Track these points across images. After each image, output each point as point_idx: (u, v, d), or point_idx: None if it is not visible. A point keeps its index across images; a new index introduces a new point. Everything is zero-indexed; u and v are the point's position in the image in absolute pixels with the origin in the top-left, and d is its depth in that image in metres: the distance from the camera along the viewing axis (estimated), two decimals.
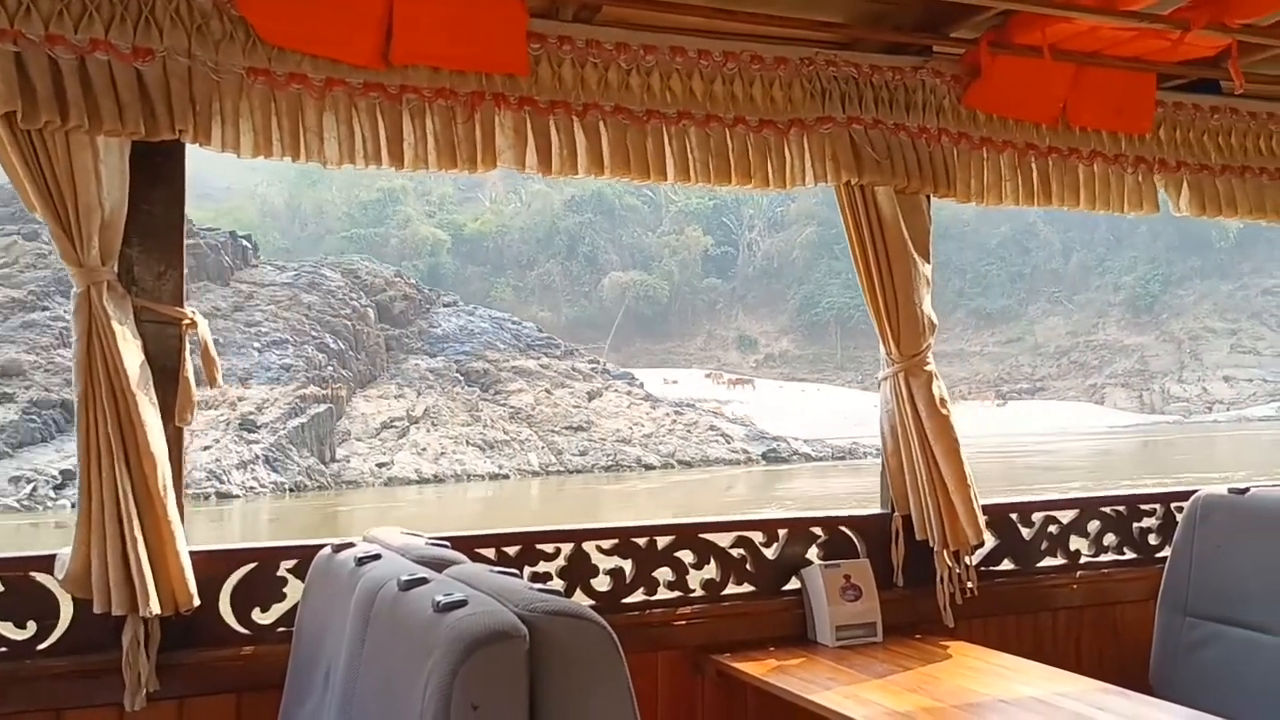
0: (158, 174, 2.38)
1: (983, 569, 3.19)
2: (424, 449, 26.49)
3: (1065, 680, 2.63)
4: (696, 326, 47.53)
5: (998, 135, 3.08)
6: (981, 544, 3.10)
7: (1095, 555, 3.42)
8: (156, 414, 2.28)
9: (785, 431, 33.15)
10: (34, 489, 21.12)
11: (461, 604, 1.58)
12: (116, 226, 2.29)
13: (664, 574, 2.90)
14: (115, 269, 2.30)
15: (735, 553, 2.99)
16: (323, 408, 25.80)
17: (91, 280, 2.24)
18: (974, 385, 46.29)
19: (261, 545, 2.57)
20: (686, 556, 2.93)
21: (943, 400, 3.03)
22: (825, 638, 2.91)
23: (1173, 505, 3.46)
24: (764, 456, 31.05)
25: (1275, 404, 36.76)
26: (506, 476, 26.32)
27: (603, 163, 2.65)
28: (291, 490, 23.68)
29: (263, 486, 23.16)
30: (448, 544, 2.17)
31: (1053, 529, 3.36)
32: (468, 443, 27.09)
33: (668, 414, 31.75)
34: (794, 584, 3.02)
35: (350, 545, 2.22)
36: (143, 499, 2.23)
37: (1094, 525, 3.43)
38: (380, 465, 25.34)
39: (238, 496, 22.67)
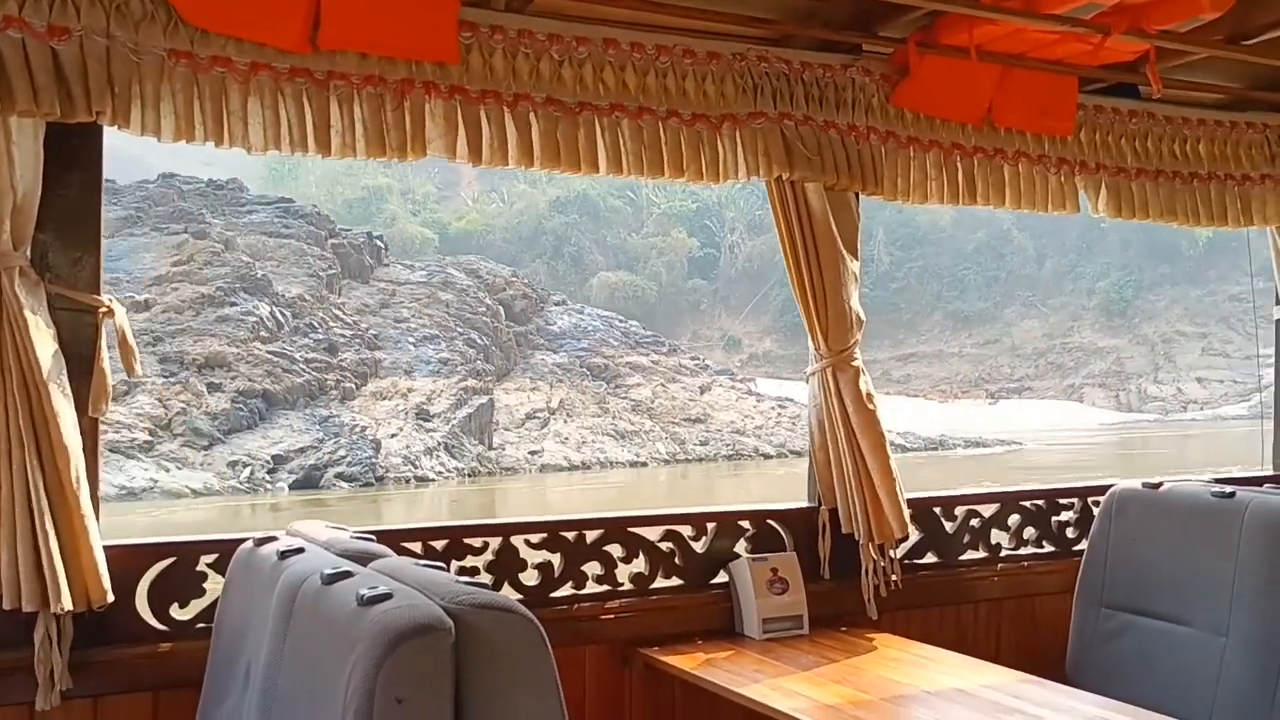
0: (74, 157, 2.31)
1: (906, 562, 3.24)
2: (566, 438, 27.78)
3: (985, 671, 2.68)
4: (682, 327, 47.96)
5: (925, 134, 3.12)
6: (906, 537, 3.14)
7: (1015, 548, 3.49)
8: (70, 405, 2.21)
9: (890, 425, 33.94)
10: (251, 472, 22.30)
11: (386, 597, 1.56)
12: (29, 211, 2.21)
13: (592, 568, 2.89)
14: (28, 254, 2.22)
15: (664, 546, 3.00)
16: (484, 399, 27.16)
17: (3, 266, 2.16)
18: (955, 384, 47.37)
19: (180, 540, 2.51)
20: (615, 550, 2.93)
21: (869, 395, 3.07)
22: (752, 630, 2.93)
23: (1090, 499, 3.54)
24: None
25: (1245, 404, 38.30)
26: (644, 464, 27.80)
27: (533, 154, 2.63)
28: (469, 475, 24.87)
29: (448, 472, 24.47)
30: (373, 538, 2.14)
31: (974, 523, 3.43)
32: (603, 433, 28.63)
33: (772, 407, 33.10)
34: (722, 577, 3.03)
35: (273, 539, 2.18)
36: (55, 492, 2.16)
37: (1014, 519, 3.50)
38: (532, 453, 26.62)
39: (433, 480, 23.86)
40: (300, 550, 2.00)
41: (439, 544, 2.71)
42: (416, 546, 2.68)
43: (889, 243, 51.95)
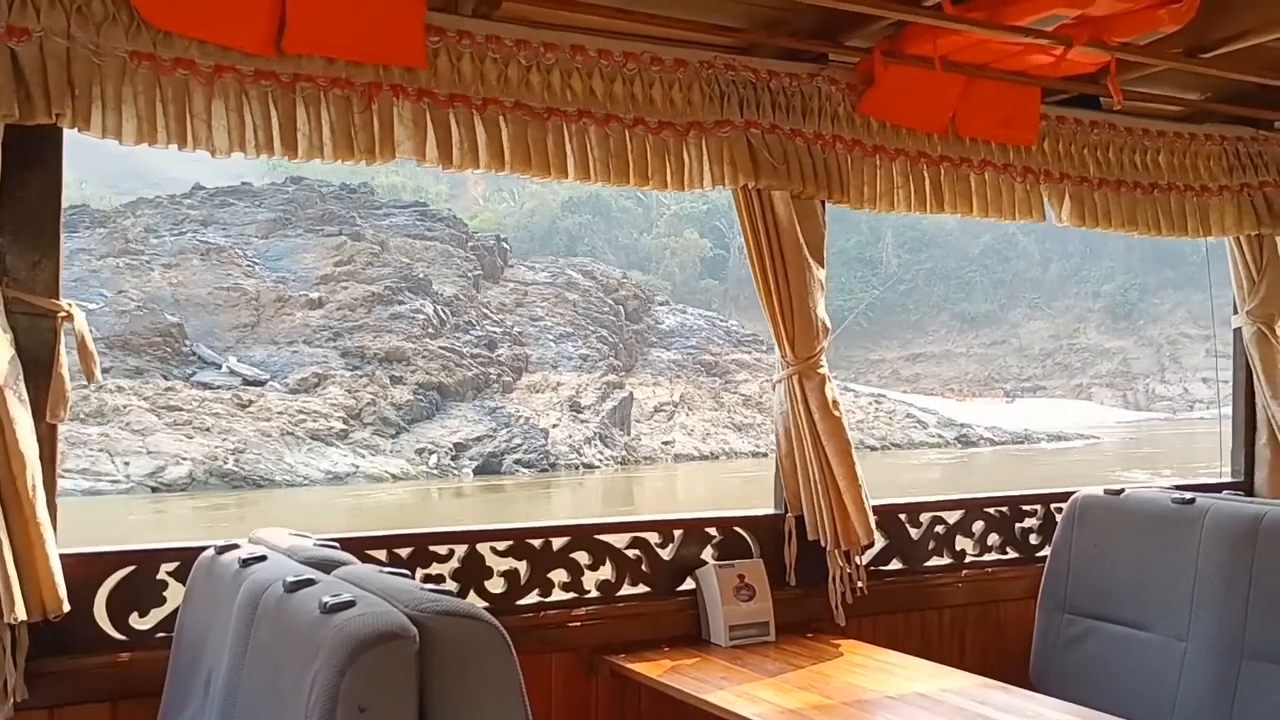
0: (33, 159, 2.27)
1: (872, 568, 3.25)
2: (691, 430, 29.55)
3: (950, 676, 2.70)
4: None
5: (890, 143, 3.15)
6: (871, 544, 3.15)
7: (980, 555, 3.52)
8: (27, 411, 2.18)
9: (969, 419, 36.42)
10: (437, 458, 24.17)
11: (349, 605, 1.54)
12: None
13: (559, 575, 2.88)
14: None
15: (631, 554, 2.99)
16: (625, 393, 29.12)
17: None
18: (965, 384, 48.24)
19: (140, 548, 2.47)
20: (582, 558, 2.92)
21: (835, 402, 3.08)
22: (719, 637, 2.93)
23: (1052, 506, 3.57)
24: (957, 440, 33.95)
25: None
26: (765, 455, 29.29)
27: (503, 158, 2.62)
28: (620, 464, 27.04)
29: (605, 460, 26.76)
30: (336, 545, 2.12)
31: (939, 529, 3.45)
32: (723, 425, 30.39)
33: (870, 402, 34.83)
34: (689, 584, 3.03)
35: (234, 547, 2.15)
36: (10, 500, 2.12)
37: (978, 526, 3.53)
38: (665, 443, 28.41)
39: (597, 467, 26.16)
40: (262, 558, 1.97)
41: (404, 551, 2.69)
42: (381, 554, 2.66)
43: (897, 246, 52.91)
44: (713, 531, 3.11)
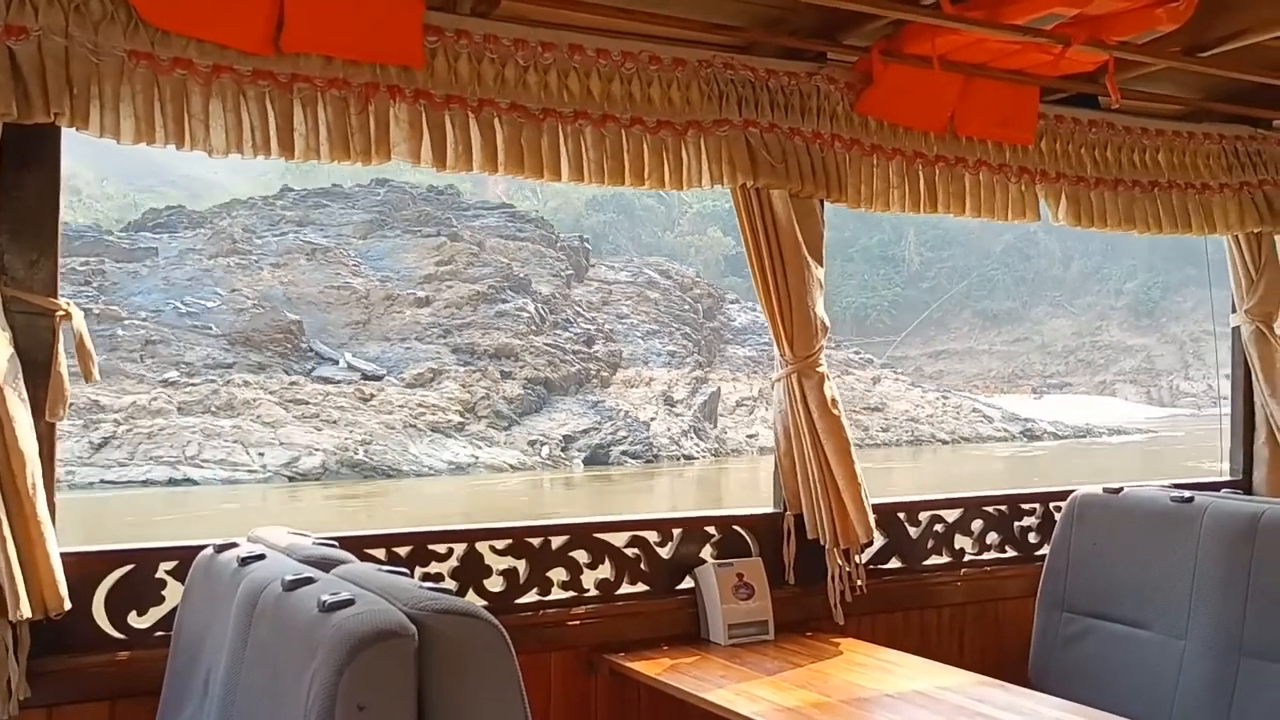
0: (31, 158, 2.28)
1: (871, 567, 3.25)
2: (773, 424, 30.46)
3: (949, 674, 2.70)
4: None
5: (888, 143, 3.15)
6: (871, 542, 3.16)
7: (979, 553, 3.52)
8: (26, 409, 2.18)
9: (1032, 414, 37.72)
10: (548, 450, 25.49)
11: (348, 603, 1.55)
12: None
13: (558, 574, 2.88)
14: None
15: (630, 552, 3.00)
16: (713, 388, 30.50)
17: None
18: (989, 380, 48.90)
19: (139, 546, 2.48)
20: (581, 556, 2.92)
21: (834, 400, 3.09)
22: (718, 636, 2.93)
23: (1051, 505, 3.57)
24: (1023, 434, 35.15)
25: None
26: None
27: (497, 160, 2.63)
28: (714, 455, 28.23)
29: (701, 452, 28.02)
30: (335, 543, 2.12)
31: (938, 528, 3.45)
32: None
33: (937, 397, 35.91)
34: (688, 583, 3.03)
35: (233, 545, 2.15)
36: (10, 498, 2.12)
37: (977, 524, 3.53)
38: (749, 436, 29.41)
39: (696, 458, 27.48)
40: (261, 557, 1.97)
41: (403, 550, 2.70)
42: (380, 553, 2.66)
43: (919, 244, 53.44)
44: (712, 530, 3.11)
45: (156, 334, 25.79)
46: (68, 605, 2.21)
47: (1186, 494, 3.05)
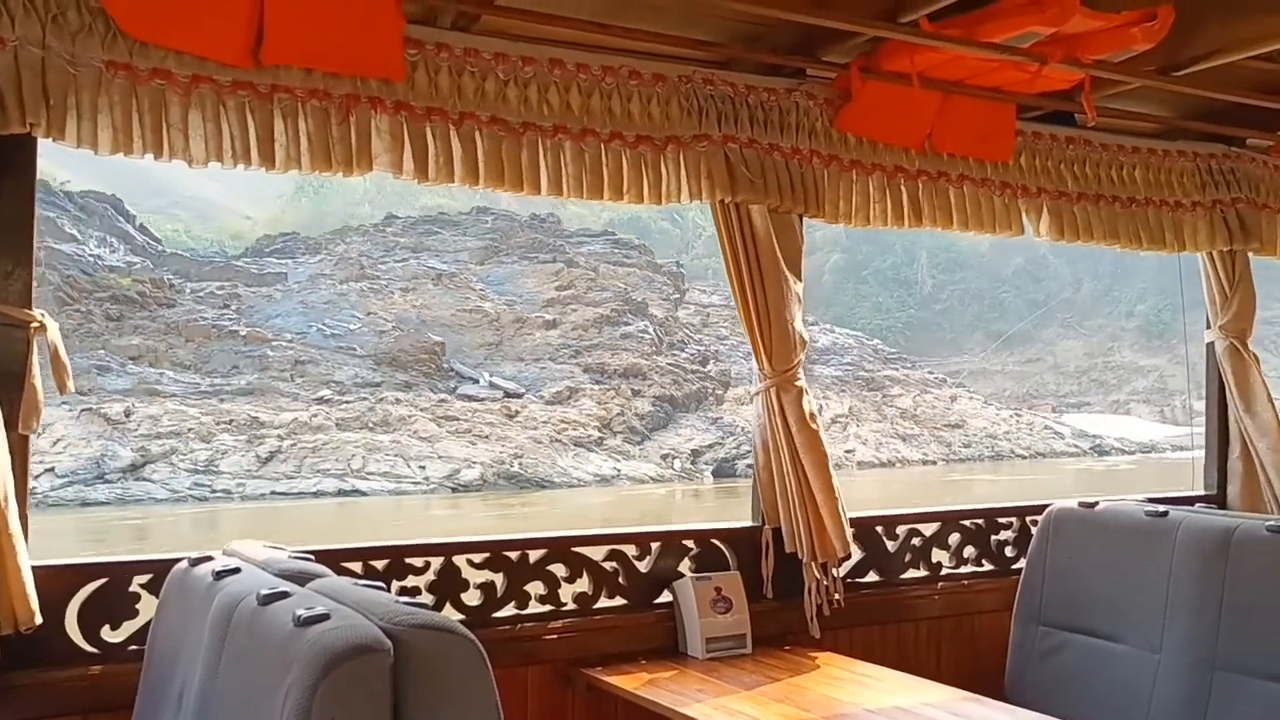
0: (6, 169, 2.26)
1: (849, 581, 3.26)
2: (865, 440, 32.24)
3: (926, 689, 2.70)
4: None
5: (867, 158, 3.17)
6: (848, 556, 3.16)
7: (956, 567, 3.53)
8: None
9: (1101, 431, 39.06)
10: (679, 463, 27.06)
11: (323, 618, 1.54)
12: None
13: (536, 588, 2.88)
14: None
15: (608, 566, 2.99)
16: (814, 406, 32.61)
17: None
18: (1003, 400, 50.08)
19: (112, 560, 2.46)
20: (559, 570, 2.92)
21: (812, 415, 3.10)
22: (696, 650, 2.93)
23: (1028, 519, 3.59)
24: (1092, 450, 36.40)
25: None
26: (934, 463, 32.26)
27: (478, 173, 2.63)
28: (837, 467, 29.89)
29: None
30: (311, 557, 2.11)
31: (916, 541, 3.46)
32: (890, 435, 33.03)
33: (1011, 415, 37.20)
34: (666, 597, 3.03)
35: (208, 559, 2.14)
36: None
37: (955, 538, 3.54)
38: (847, 452, 30.76)
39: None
40: (236, 570, 1.96)
41: (379, 564, 2.69)
42: (357, 566, 2.64)
43: (932, 266, 54.62)
44: (690, 544, 3.11)
45: (304, 355, 27.16)
46: (39, 619, 2.18)
47: (1161, 509, 3.07)
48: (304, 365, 26.83)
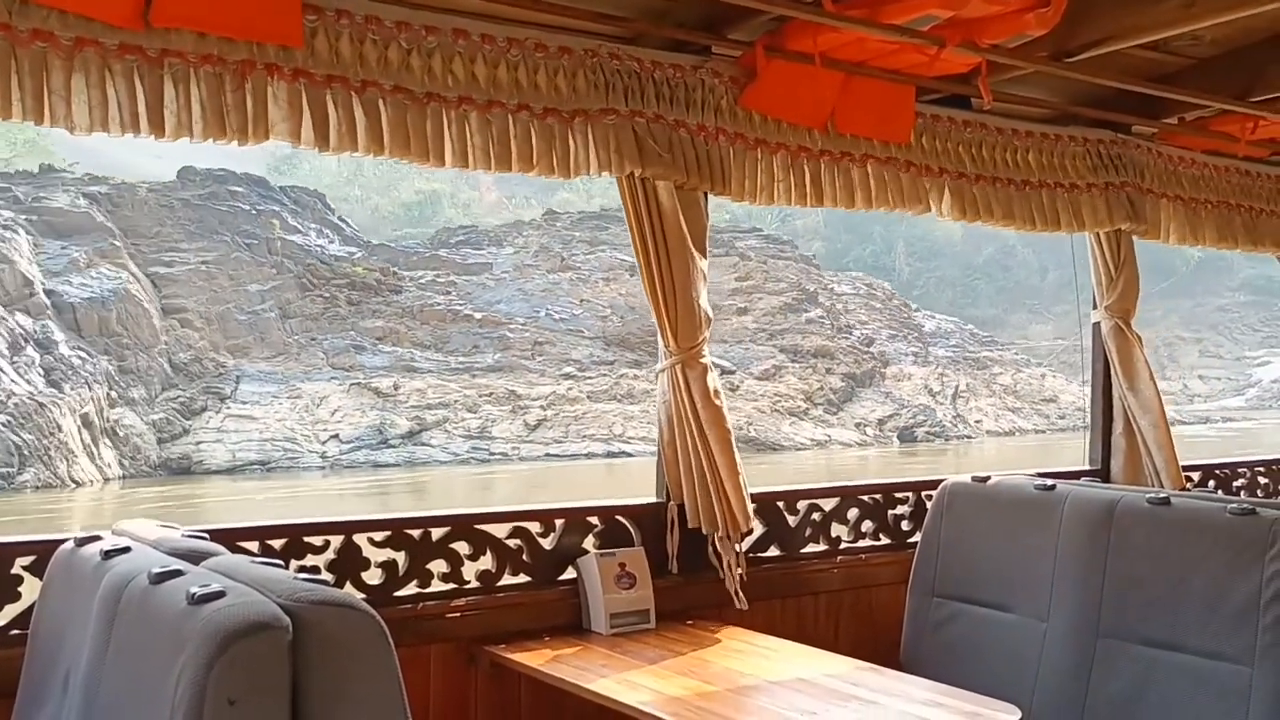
0: None
1: (751, 555, 3.30)
2: (985, 413, 35.84)
3: (825, 660, 2.76)
4: None
5: (772, 137, 3.19)
6: (750, 531, 3.20)
7: (854, 541, 3.60)
8: None
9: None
10: (871, 430, 31.28)
11: (218, 595, 1.50)
12: None
13: (439, 566, 2.85)
14: None
15: (512, 543, 2.98)
16: (954, 383, 36.04)
17: None
18: None
19: None
20: (462, 548, 2.89)
21: (716, 391, 3.12)
22: (600, 626, 2.94)
23: (923, 493, 3.68)
24: (1201, 420, 40.04)
25: (1241, 397, 47.57)
26: (1043, 431, 35.78)
27: (383, 142, 2.57)
28: (969, 437, 33.79)
29: (974, 433, 34.12)
30: (205, 536, 2.06)
31: (816, 516, 3.51)
32: (1003, 409, 36.43)
33: (1081, 387, 40.65)
34: (570, 573, 3.03)
35: (96, 539, 2.07)
36: None
37: (853, 513, 3.61)
38: (976, 422, 34.83)
39: (971, 438, 33.55)
40: (126, 550, 1.90)
41: (277, 543, 2.63)
42: (253, 545, 2.59)
43: (908, 254, 57.37)
44: (594, 520, 3.11)
45: (540, 336, 30.31)
46: None
47: (1049, 483, 3.18)
48: (542, 346, 30.14)
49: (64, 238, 26.43)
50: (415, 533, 2.82)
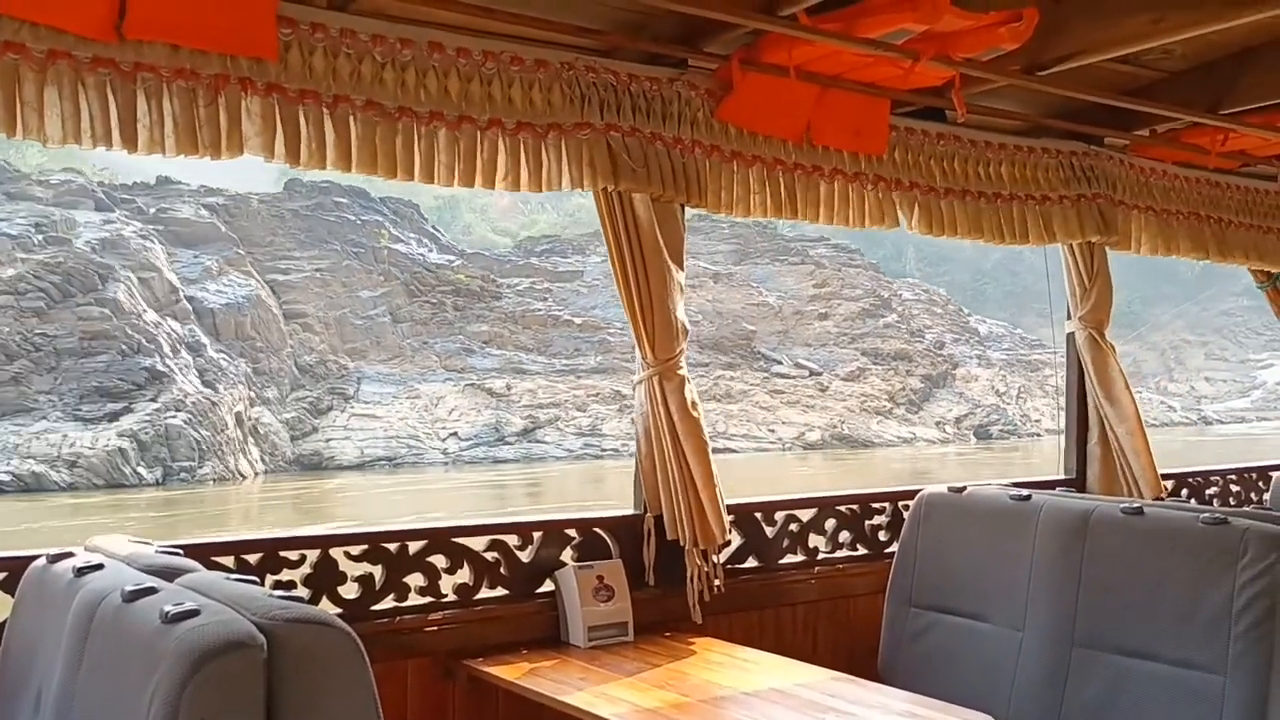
0: None
1: (729, 567, 3.30)
2: (1042, 412, 37.50)
3: (802, 671, 2.76)
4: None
5: (747, 149, 3.20)
6: (728, 543, 3.20)
7: (831, 551, 3.61)
8: None
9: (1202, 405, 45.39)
10: (948, 428, 34.10)
11: (192, 614, 1.49)
12: None
13: (415, 579, 2.84)
14: None
15: (489, 556, 2.97)
16: (1016, 384, 38.57)
17: None
18: None
19: None
20: (439, 561, 2.88)
21: (694, 403, 3.12)
22: (578, 639, 2.93)
23: (900, 504, 3.69)
24: (1200, 420, 43.24)
25: (1247, 399, 48.69)
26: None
27: (350, 158, 2.57)
28: (1035, 435, 35.85)
29: (1037, 430, 36.23)
30: (179, 552, 2.04)
31: (793, 527, 3.52)
32: (1056, 409, 36.81)
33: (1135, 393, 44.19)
34: (548, 586, 3.03)
35: (69, 555, 2.05)
36: None
37: (831, 523, 3.62)
38: (1035, 420, 36.77)
39: (1039, 436, 35.25)
40: (99, 567, 1.88)
41: (252, 558, 2.61)
42: (229, 560, 2.57)
43: (919, 260, 58.28)
44: (572, 533, 3.11)
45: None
46: None
47: (1025, 493, 3.19)
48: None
49: (192, 247, 27.65)
50: (392, 546, 2.81)
